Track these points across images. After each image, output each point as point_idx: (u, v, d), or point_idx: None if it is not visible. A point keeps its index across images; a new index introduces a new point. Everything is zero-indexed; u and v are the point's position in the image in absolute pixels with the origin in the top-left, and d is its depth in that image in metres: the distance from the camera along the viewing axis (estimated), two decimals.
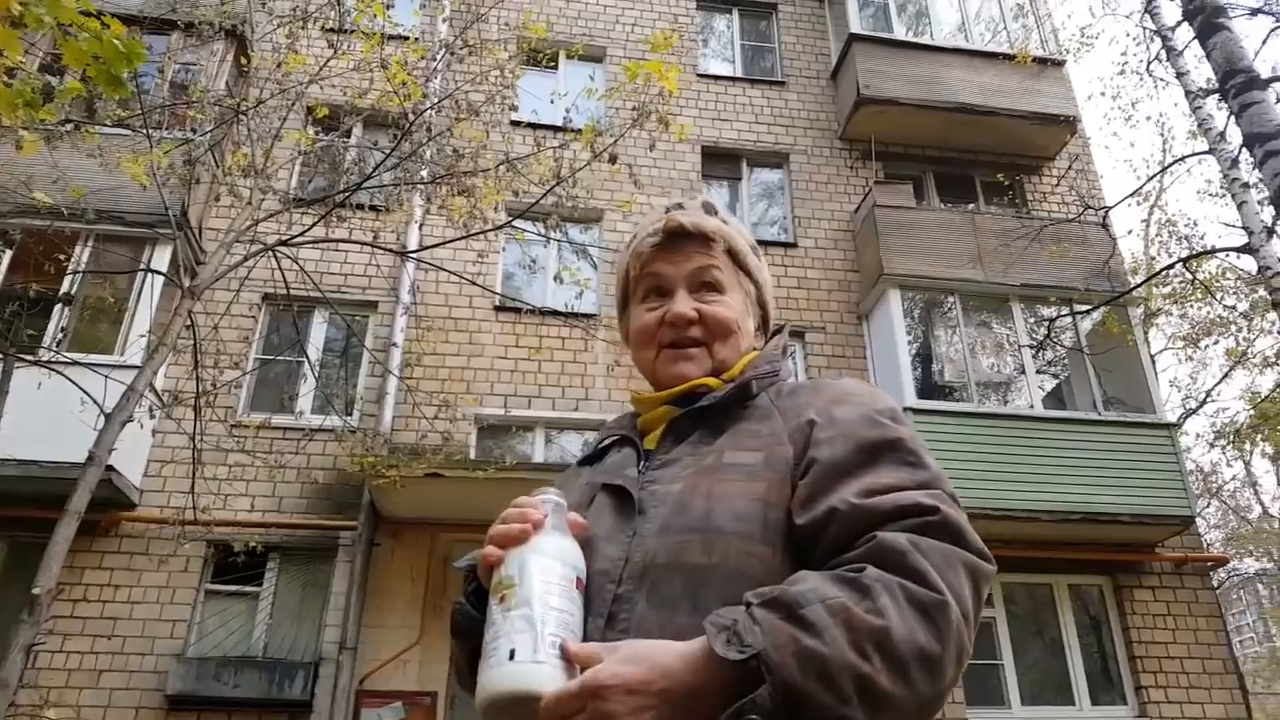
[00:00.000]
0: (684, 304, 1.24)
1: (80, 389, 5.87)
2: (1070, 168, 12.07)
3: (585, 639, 0.97)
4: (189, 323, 6.14)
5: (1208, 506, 20.26)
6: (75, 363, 6.45)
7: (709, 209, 1.33)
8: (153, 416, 6.84)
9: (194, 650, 8.31)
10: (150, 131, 6.51)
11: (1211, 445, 17.66)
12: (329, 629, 8.39)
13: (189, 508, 6.75)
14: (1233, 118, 6.24)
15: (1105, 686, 9.62)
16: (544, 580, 0.97)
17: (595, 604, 1.02)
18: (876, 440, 1.08)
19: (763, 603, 0.89)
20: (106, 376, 6.24)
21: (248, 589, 8.64)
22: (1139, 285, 11.22)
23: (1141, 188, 12.65)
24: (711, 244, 1.28)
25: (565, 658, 0.93)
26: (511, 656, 0.92)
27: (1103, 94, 35.62)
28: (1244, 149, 8.33)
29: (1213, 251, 12.33)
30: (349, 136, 8.00)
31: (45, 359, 6.53)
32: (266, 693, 8.03)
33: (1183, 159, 11.59)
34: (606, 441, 1.31)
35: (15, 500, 7.83)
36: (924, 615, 0.89)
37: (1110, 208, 11.22)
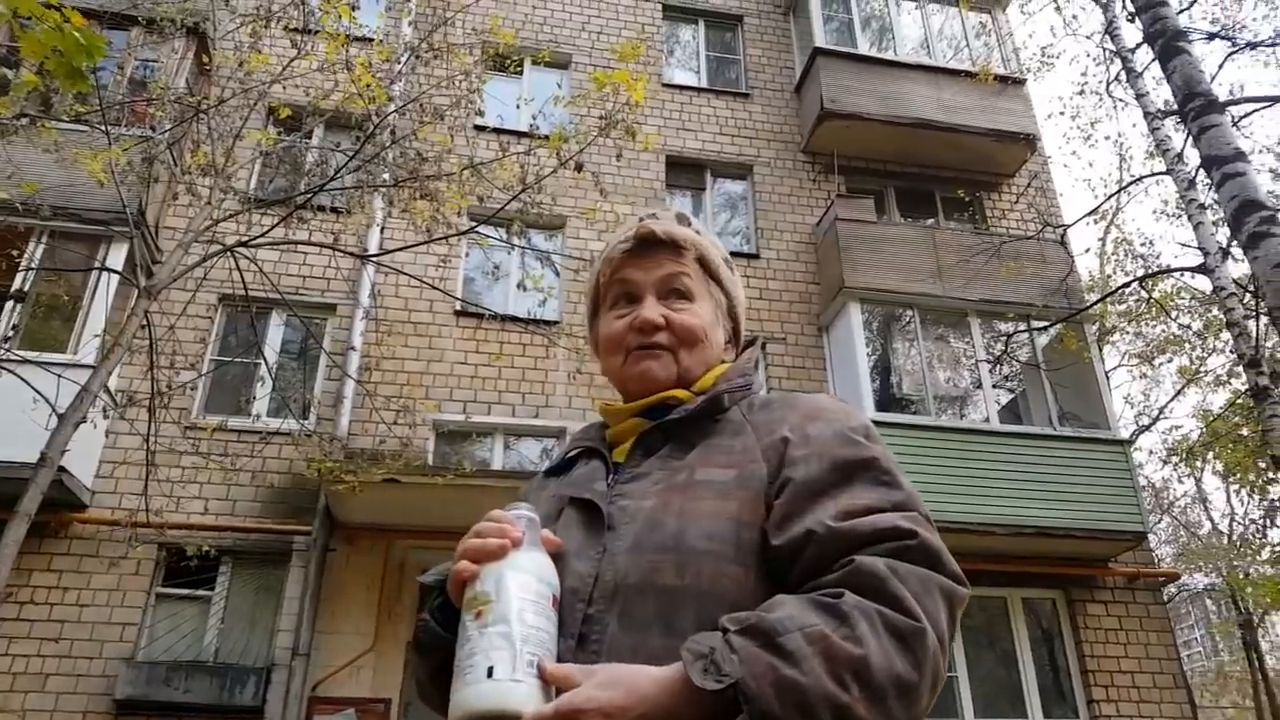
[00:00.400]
0: (652, 309, 1.23)
1: (33, 388, 5.78)
2: (1030, 185, 12.26)
3: (558, 659, 0.96)
4: (145, 323, 6.06)
5: (1159, 522, 20.64)
6: (27, 361, 6.35)
7: (682, 220, 1.32)
8: (106, 417, 6.75)
9: (144, 654, 8.19)
10: (109, 128, 6.42)
11: (1165, 462, 17.99)
12: (282, 634, 8.30)
13: (141, 510, 6.65)
14: (1191, 140, 6.38)
15: (1057, 699, 9.74)
16: (521, 597, 0.95)
17: (566, 624, 1.00)
18: (851, 459, 1.06)
19: (740, 630, 0.88)
20: (59, 376, 6.16)
21: (200, 593, 8.53)
22: (1096, 303, 11.41)
23: (1100, 206, 12.92)
24: (683, 252, 1.27)
25: (542, 677, 0.91)
26: (490, 674, 0.90)
27: (1062, 113, 36.39)
28: (1201, 171, 8.52)
29: (1169, 271, 12.58)
30: (310, 138, 7.95)
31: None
32: (218, 698, 7.93)
33: (1140, 179, 11.81)
34: (573, 452, 1.29)
35: None
36: (901, 643, 0.89)
37: (1069, 226, 11.41)
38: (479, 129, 9.47)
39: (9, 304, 8.26)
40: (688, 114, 12.44)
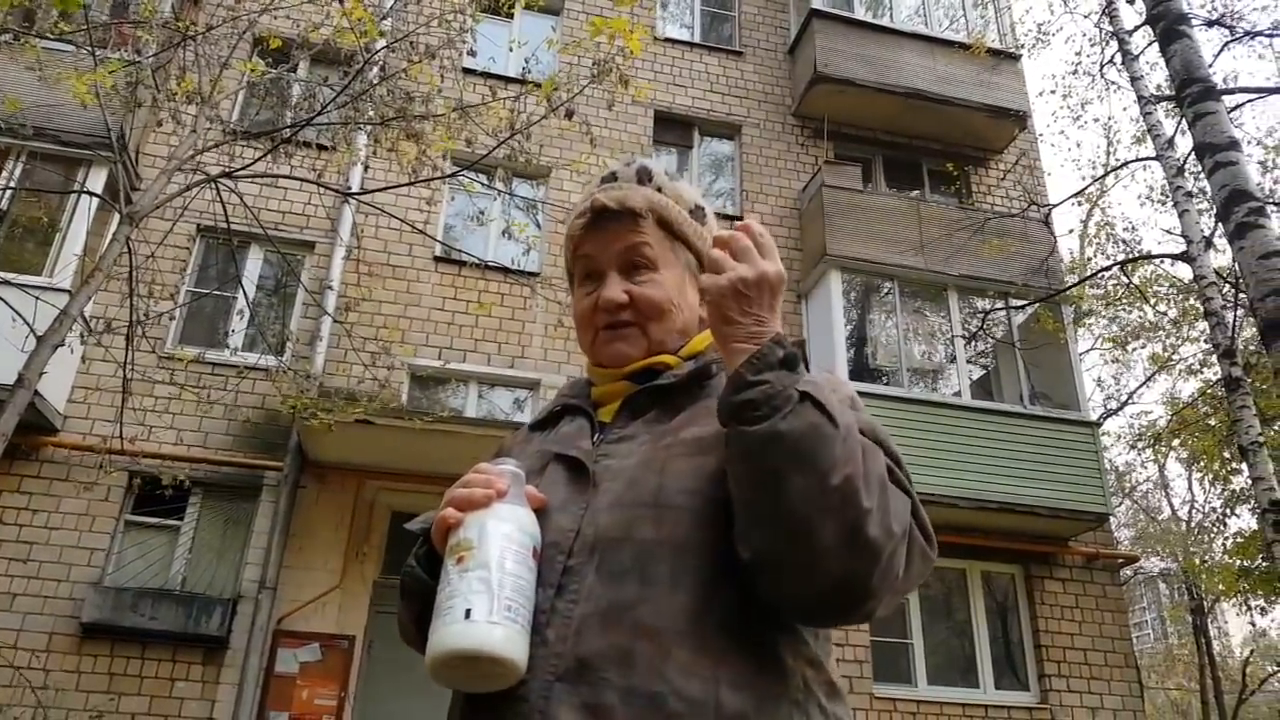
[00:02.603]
0: (613, 288, 1.22)
1: (14, 310, 5.74)
2: (1018, 163, 12.28)
3: (535, 608, 0.99)
4: (126, 249, 6.01)
5: (1120, 505, 20.98)
6: (6, 282, 6.30)
7: (644, 175, 1.28)
8: (84, 342, 6.72)
9: (111, 580, 8.23)
10: (94, 50, 6.32)
11: (1132, 447, 18.25)
12: (249, 567, 8.37)
13: (114, 436, 6.65)
14: (1184, 126, 6.40)
15: (1009, 672, 9.94)
16: (502, 545, 0.98)
17: (545, 574, 1.02)
18: None
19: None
20: (37, 298, 6.13)
21: (169, 522, 8.57)
22: (1075, 284, 11.51)
23: (1086, 188, 12.95)
24: (640, 219, 1.23)
25: (519, 622, 0.95)
26: (468, 615, 0.93)
27: (1054, 92, 36.07)
28: (1191, 158, 8.56)
29: (1149, 257, 12.68)
30: (296, 70, 7.85)
31: None
32: (183, 626, 8.00)
33: (1128, 163, 11.87)
34: (558, 408, 1.29)
35: None
36: (884, 488, 0.96)
37: (1054, 206, 11.48)
38: (468, 72, 9.36)
39: None
40: (679, 69, 12.30)
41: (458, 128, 6.87)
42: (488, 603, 0.93)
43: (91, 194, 7.60)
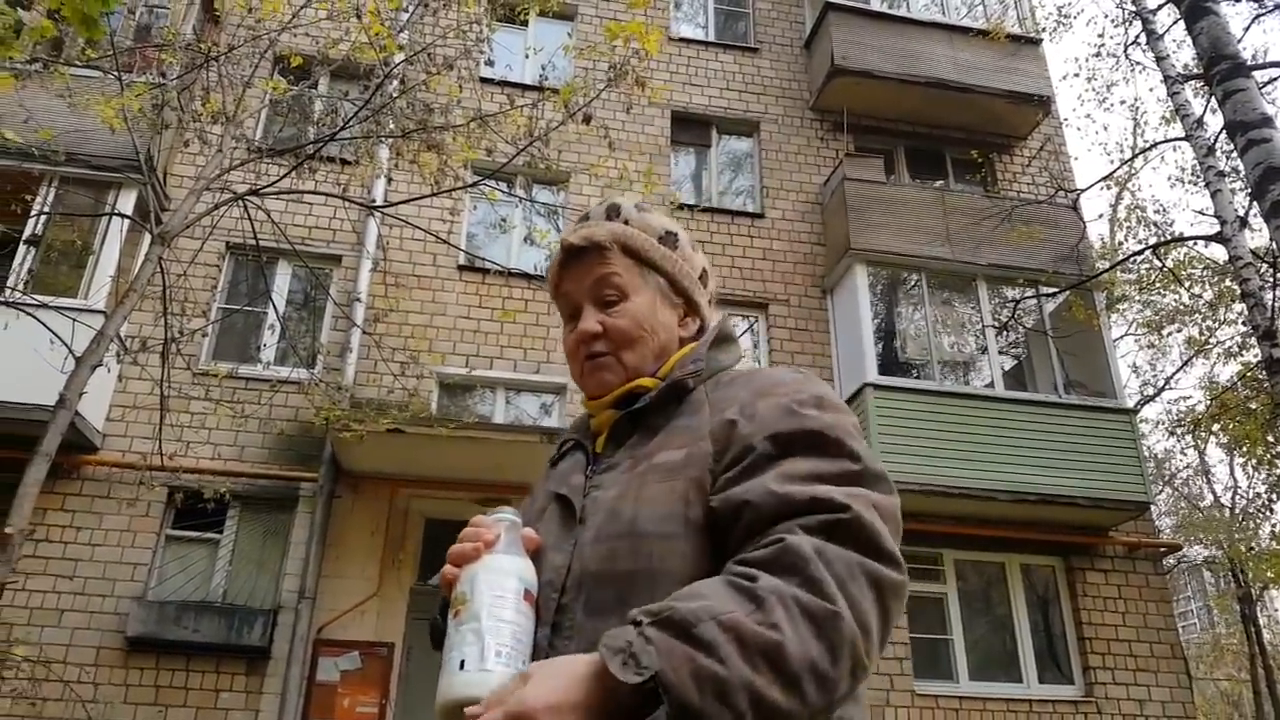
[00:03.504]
0: (587, 320, 1.27)
1: (52, 332, 5.87)
2: (1043, 148, 12.13)
3: (535, 647, 1.03)
4: (158, 269, 6.12)
5: (1160, 493, 20.64)
6: (44, 305, 6.43)
7: (612, 211, 1.33)
8: (119, 361, 6.85)
9: (154, 594, 8.38)
10: (120, 74, 6.45)
11: (1171, 433, 17.94)
12: (288, 578, 8.48)
13: (154, 453, 6.78)
14: (1214, 104, 6.29)
15: (1052, 666, 9.80)
16: (493, 595, 1.02)
17: (543, 614, 1.07)
18: (793, 431, 1.07)
19: (654, 621, 0.89)
20: (74, 320, 6.25)
21: (208, 535, 8.70)
22: (1107, 270, 11.34)
23: (1114, 172, 12.77)
24: (606, 251, 1.28)
25: (512, 666, 0.98)
26: (461, 666, 0.98)
27: (1077, 75, 35.59)
28: (1222, 136, 8.40)
29: (1182, 239, 12.48)
30: (316, 87, 7.96)
31: (14, 300, 6.52)
32: (226, 638, 8.12)
33: (1156, 145, 11.68)
34: (566, 445, 1.34)
35: None
36: (817, 628, 0.89)
37: (1082, 191, 11.35)
38: (485, 81, 9.43)
39: (22, 248, 8.35)
40: (694, 68, 12.27)
41: (477, 137, 6.94)
42: (479, 652, 0.99)
43: (123, 216, 7.76)
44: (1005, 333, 10.86)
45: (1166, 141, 10.98)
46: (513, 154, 6.90)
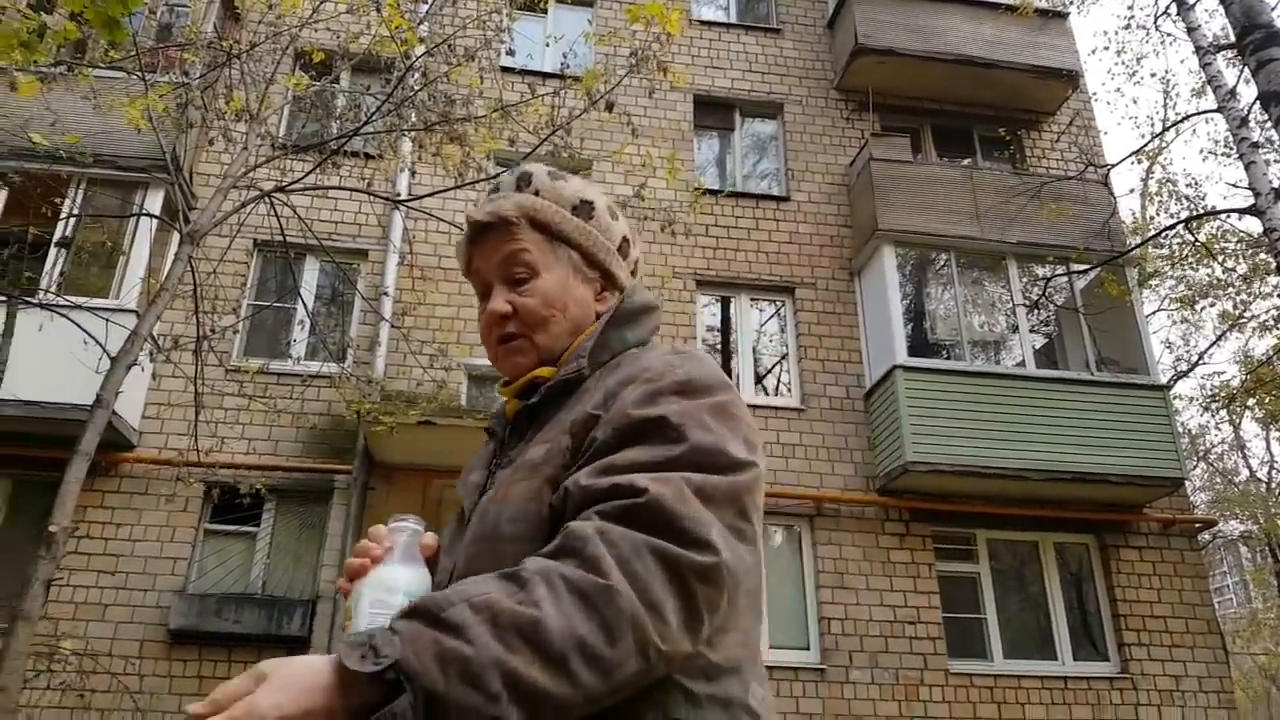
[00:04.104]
0: (497, 299, 1.22)
1: (87, 333, 5.95)
2: (1071, 124, 11.95)
3: None
4: (189, 267, 6.18)
5: (1194, 468, 20.40)
6: (78, 306, 6.52)
7: (523, 181, 1.27)
8: (152, 360, 6.93)
9: (194, 587, 8.52)
10: (144, 75, 6.49)
11: (1205, 409, 17.70)
12: (326, 569, 8.58)
13: (190, 449, 6.86)
14: (1247, 75, 6.15)
15: (1087, 644, 9.78)
16: (372, 612, 1.00)
17: None
18: (638, 420, 1.01)
19: (403, 615, 0.85)
20: (107, 320, 6.33)
21: (246, 529, 8.82)
22: (1139, 246, 11.19)
23: (1145, 146, 12.57)
24: (513, 227, 1.22)
25: None
26: None
27: (1106, 48, 34.94)
28: (1256, 107, 8.22)
29: (1215, 213, 12.26)
30: (338, 81, 7.98)
31: (49, 302, 6.60)
32: (266, 629, 8.25)
33: (1188, 117, 11.46)
34: (488, 432, 1.33)
35: (18, 439, 7.97)
36: (586, 604, 0.84)
37: (1112, 166, 11.16)
38: (505, 70, 9.42)
39: (54, 250, 8.45)
40: (716, 51, 12.19)
41: (499, 128, 6.92)
42: None
43: (151, 216, 7.84)
44: (1036, 311, 10.76)
45: (1199, 114, 10.75)
46: (535, 144, 6.88)
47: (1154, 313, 16.97)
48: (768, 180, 11.87)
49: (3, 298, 6.35)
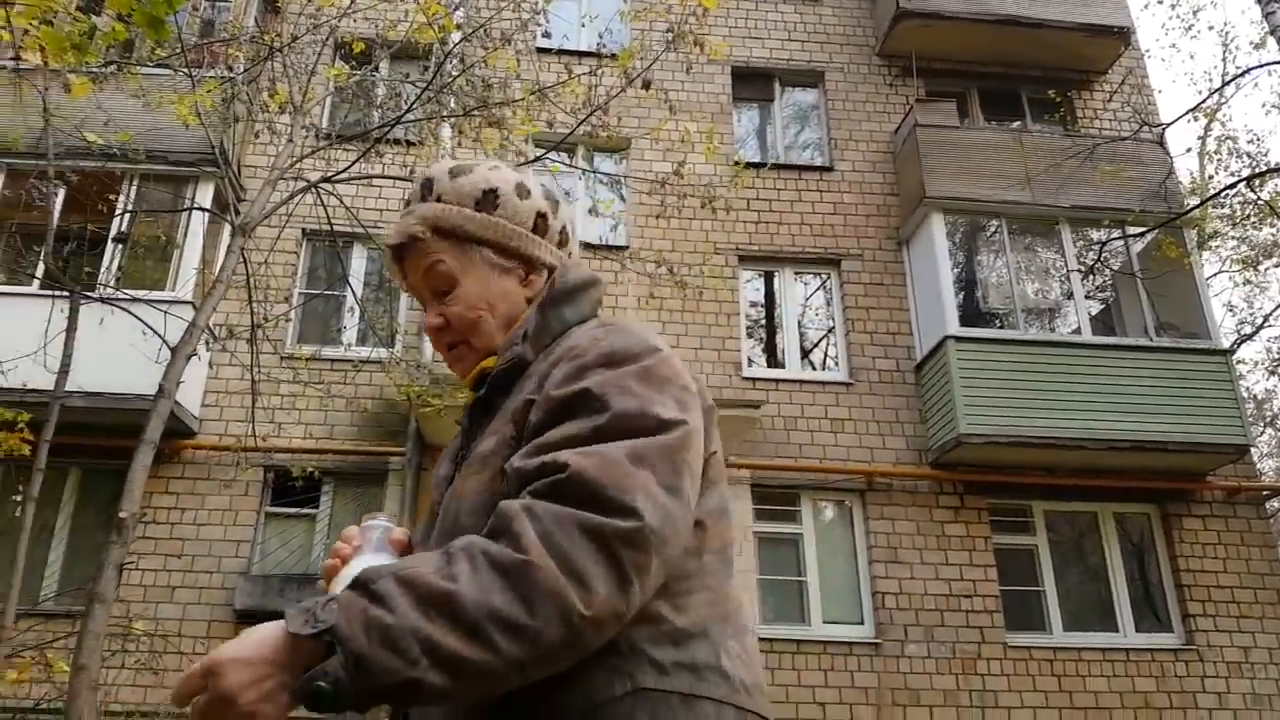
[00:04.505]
0: (430, 316, 1.26)
1: (147, 325, 6.11)
2: (1124, 82, 11.61)
3: None
4: (241, 258, 6.32)
5: (1262, 435, 19.78)
6: (136, 299, 6.71)
7: (426, 189, 1.29)
8: (209, 349, 7.11)
9: (258, 568, 8.79)
10: (191, 71, 6.63)
11: (1271, 373, 17.14)
12: None
13: (248, 435, 7.05)
14: None
15: (1150, 615, 9.63)
16: None
17: None
18: (564, 397, 1.05)
19: (347, 588, 0.93)
20: (165, 312, 6.51)
21: (305, 511, 9.06)
22: (1197, 206, 10.86)
23: (1203, 103, 12.16)
24: (422, 243, 1.24)
25: None
26: None
27: (1160, 2, 33.77)
28: None
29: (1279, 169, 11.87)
30: (378, 71, 8.06)
31: (108, 296, 6.81)
32: None
33: (1248, 70, 11.06)
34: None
35: (83, 430, 8.22)
36: (504, 577, 0.90)
37: (1167, 125, 10.84)
38: (541, 51, 9.43)
39: (111, 245, 8.71)
40: (754, 21, 12.00)
41: (537, 110, 6.93)
42: None
43: (203, 210, 8.02)
44: (1091, 276, 10.52)
45: (1260, 66, 10.37)
46: (574, 125, 6.89)
47: (1215, 275, 16.48)
48: (810, 151, 11.73)
49: (65, 293, 6.53)
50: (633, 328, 1.15)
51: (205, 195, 8.97)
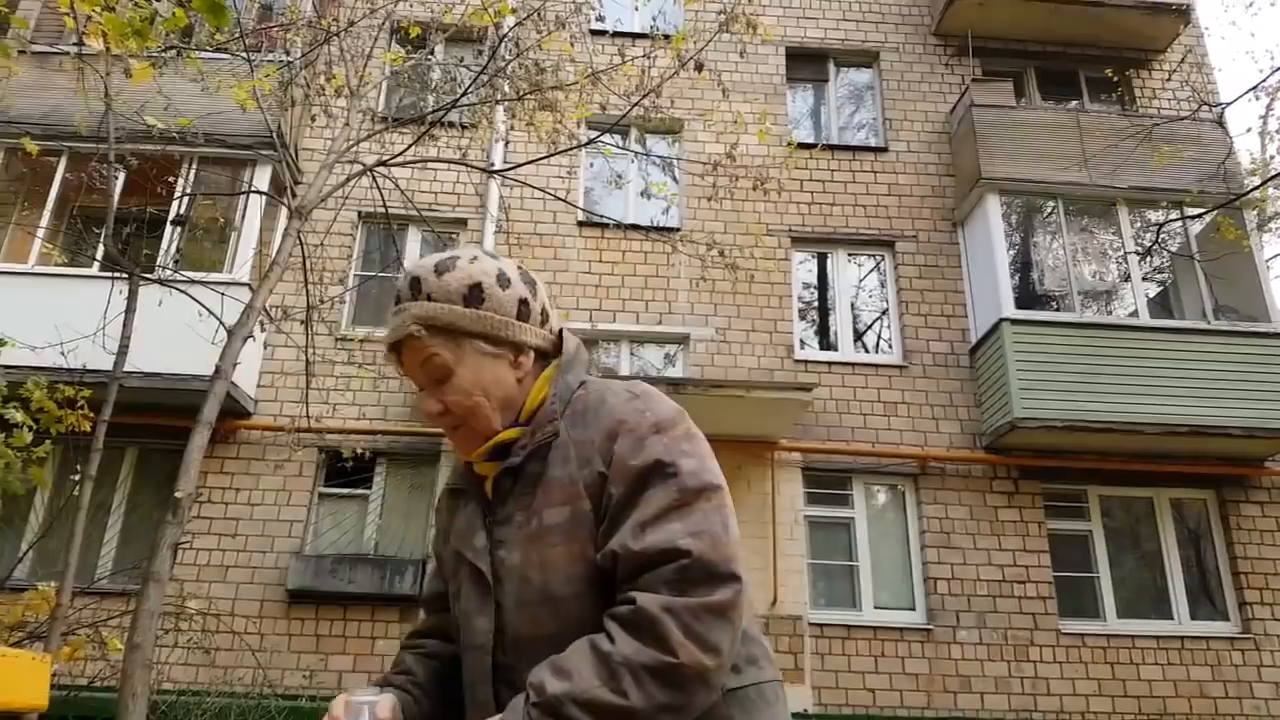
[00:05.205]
0: (429, 403, 1.34)
1: (204, 307, 6.18)
2: (1183, 60, 11.32)
3: (481, 703, 1.26)
4: (298, 241, 6.37)
5: None
6: (194, 281, 6.79)
7: (415, 289, 1.34)
8: (264, 330, 7.19)
9: (310, 548, 8.89)
10: (249, 56, 6.67)
11: None
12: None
13: (302, 416, 7.13)
14: None
15: (1205, 603, 9.47)
16: None
17: (474, 672, 1.29)
18: (640, 469, 1.22)
19: (534, 703, 1.10)
20: (222, 294, 6.58)
21: (358, 491, 9.15)
22: (1258, 187, 10.56)
23: (1265, 80, 11.83)
24: (416, 340, 1.32)
25: None
26: None
27: None
28: None
29: None
30: (433, 55, 8.07)
31: (168, 278, 6.89)
32: (379, 587, 8.57)
33: None
34: (455, 496, 1.45)
35: (140, 409, 8.35)
36: (660, 679, 1.09)
37: (1228, 104, 10.55)
38: (595, 34, 9.37)
39: (170, 228, 8.82)
40: (808, 1, 11.88)
41: (590, 93, 6.90)
42: None
43: (260, 193, 8.10)
44: (1149, 258, 10.30)
45: None
46: (627, 109, 6.85)
47: (1275, 257, 16.05)
48: (864, 131, 11.59)
49: (125, 275, 6.62)
50: (656, 393, 1.34)
51: (263, 178, 9.06)
